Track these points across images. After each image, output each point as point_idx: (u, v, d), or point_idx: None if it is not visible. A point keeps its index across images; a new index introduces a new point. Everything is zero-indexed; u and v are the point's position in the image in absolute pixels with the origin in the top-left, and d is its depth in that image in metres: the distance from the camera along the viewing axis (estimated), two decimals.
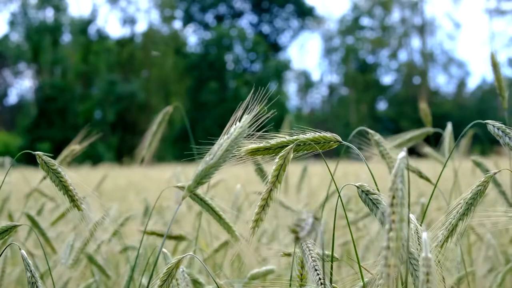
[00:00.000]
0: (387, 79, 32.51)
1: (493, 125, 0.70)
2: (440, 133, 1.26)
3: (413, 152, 1.26)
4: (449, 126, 1.26)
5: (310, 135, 0.65)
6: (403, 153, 0.48)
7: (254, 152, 0.65)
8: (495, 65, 1.01)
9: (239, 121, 0.60)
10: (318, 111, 28.69)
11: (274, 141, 0.65)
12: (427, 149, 1.38)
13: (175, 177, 1.60)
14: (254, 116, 0.60)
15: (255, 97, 0.63)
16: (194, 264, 1.22)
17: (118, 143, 22.61)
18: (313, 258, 0.63)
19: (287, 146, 0.64)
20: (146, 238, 1.26)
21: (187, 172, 1.62)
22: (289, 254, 0.75)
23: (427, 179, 0.99)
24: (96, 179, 2.06)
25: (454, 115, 21.08)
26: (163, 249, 0.79)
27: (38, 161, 0.72)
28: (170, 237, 1.08)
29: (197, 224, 1.23)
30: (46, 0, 25.11)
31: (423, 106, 1.31)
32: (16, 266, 1.48)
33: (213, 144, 0.64)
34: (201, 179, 0.58)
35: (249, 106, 0.62)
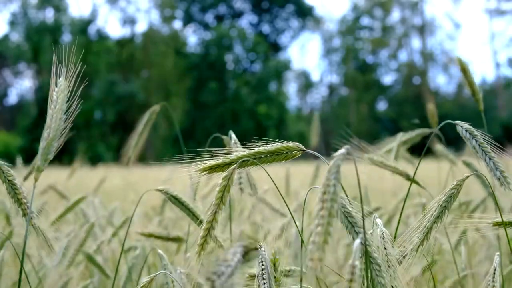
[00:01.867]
0: (387, 79, 32.54)
1: (461, 126, 0.70)
2: (444, 133, 1.26)
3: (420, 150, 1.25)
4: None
5: (272, 146, 0.63)
6: (343, 150, 0.48)
7: (213, 169, 0.62)
8: (464, 71, 1.02)
9: (56, 86, 0.58)
10: (318, 111, 28.68)
11: (234, 156, 0.62)
12: (438, 148, 1.38)
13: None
14: (69, 76, 0.58)
15: (64, 54, 0.59)
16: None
17: (118, 143, 22.60)
18: (262, 266, 0.63)
19: (248, 160, 0.62)
20: (147, 239, 1.26)
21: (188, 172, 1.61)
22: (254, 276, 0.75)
23: (416, 182, 0.98)
24: (96, 179, 2.06)
25: (454, 115, 21.08)
26: (159, 251, 0.79)
27: None
28: (168, 238, 1.08)
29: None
30: (46, 0, 25.11)
31: (431, 107, 1.31)
32: (17, 267, 1.48)
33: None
34: (47, 155, 0.58)
35: (58, 69, 0.58)
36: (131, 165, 1.21)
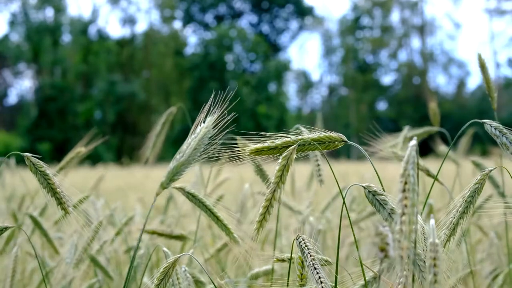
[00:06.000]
0: (387, 79, 32.55)
1: (490, 125, 0.70)
2: (441, 133, 1.27)
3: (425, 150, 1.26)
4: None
5: (315, 134, 0.64)
6: (413, 141, 0.48)
7: (259, 152, 0.64)
8: (483, 67, 1.02)
9: (203, 122, 0.63)
10: (318, 112, 28.63)
11: (279, 141, 0.64)
12: (442, 147, 1.38)
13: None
14: (217, 118, 0.63)
15: (217, 99, 0.65)
16: (196, 263, 1.22)
17: (118, 144, 22.59)
18: (312, 257, 0.63)
19: (292, 146, 0.63)
20: (149, 238, 1.26)
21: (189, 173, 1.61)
22: (282, 260, 0.75)
23: (435, 178, 0.99)
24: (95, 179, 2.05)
25: (454, 115, 21.06)
26: (164, 248, 0.79)
27: (27, 163, 0.71)
28: (172, 236, 1.08)
29: (204, 223, 1.23)
30: (46, 0, 25.10)
31: (433, 106, 1.32)
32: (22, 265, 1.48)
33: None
34: (173, 176, 0.60)
35: (212, 109, 0.65)
36: (150, 164, 1.23)
